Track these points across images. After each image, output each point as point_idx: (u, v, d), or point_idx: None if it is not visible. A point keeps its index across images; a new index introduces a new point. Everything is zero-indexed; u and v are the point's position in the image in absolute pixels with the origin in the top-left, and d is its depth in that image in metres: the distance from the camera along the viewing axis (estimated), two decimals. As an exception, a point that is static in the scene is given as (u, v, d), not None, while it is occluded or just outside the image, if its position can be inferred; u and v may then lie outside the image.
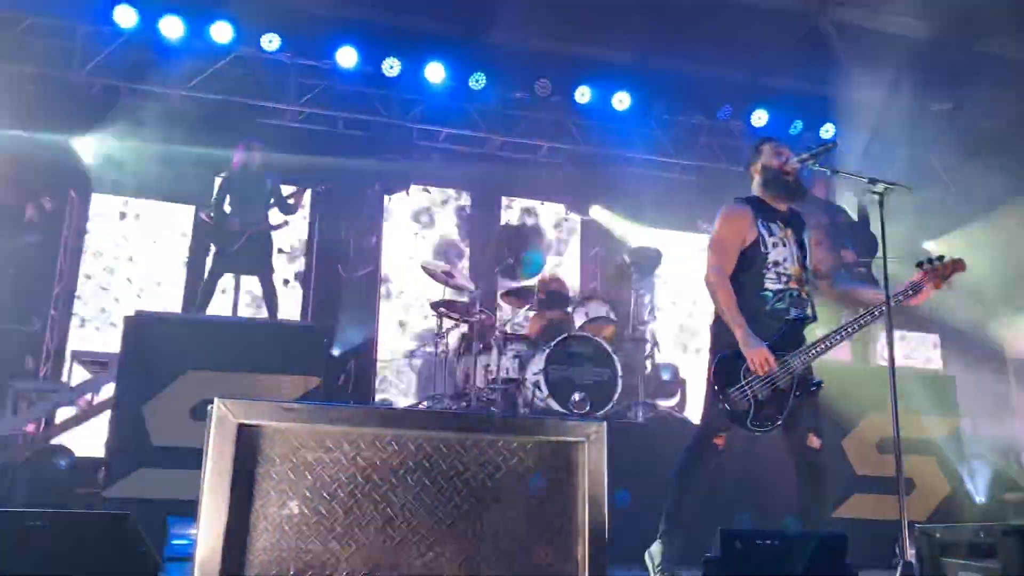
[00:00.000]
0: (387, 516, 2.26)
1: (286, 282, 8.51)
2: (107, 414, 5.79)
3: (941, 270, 3.73)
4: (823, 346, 3.68)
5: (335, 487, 2.25)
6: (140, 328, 5.63)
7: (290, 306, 8.67)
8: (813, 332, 3.90)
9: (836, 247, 6.90)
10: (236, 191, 7.18)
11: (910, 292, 3.71)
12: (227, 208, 7.13)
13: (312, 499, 2.24)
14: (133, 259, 8.48)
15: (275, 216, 7.38)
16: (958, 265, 3.74)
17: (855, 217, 7.51)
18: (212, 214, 7.14)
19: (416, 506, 2.28)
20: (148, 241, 8.52)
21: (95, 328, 8.37)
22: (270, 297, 7.25)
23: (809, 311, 3.83)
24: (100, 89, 8.21)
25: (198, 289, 7.35)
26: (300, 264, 8.96)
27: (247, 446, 2.22)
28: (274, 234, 7.39)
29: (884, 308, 3.55)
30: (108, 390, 6.00)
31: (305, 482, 2.24)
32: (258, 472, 2.22)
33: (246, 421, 2.22)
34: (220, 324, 5.84)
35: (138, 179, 8.06)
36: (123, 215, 8.66)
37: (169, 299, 8.28)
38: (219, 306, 7.49)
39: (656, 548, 3.82)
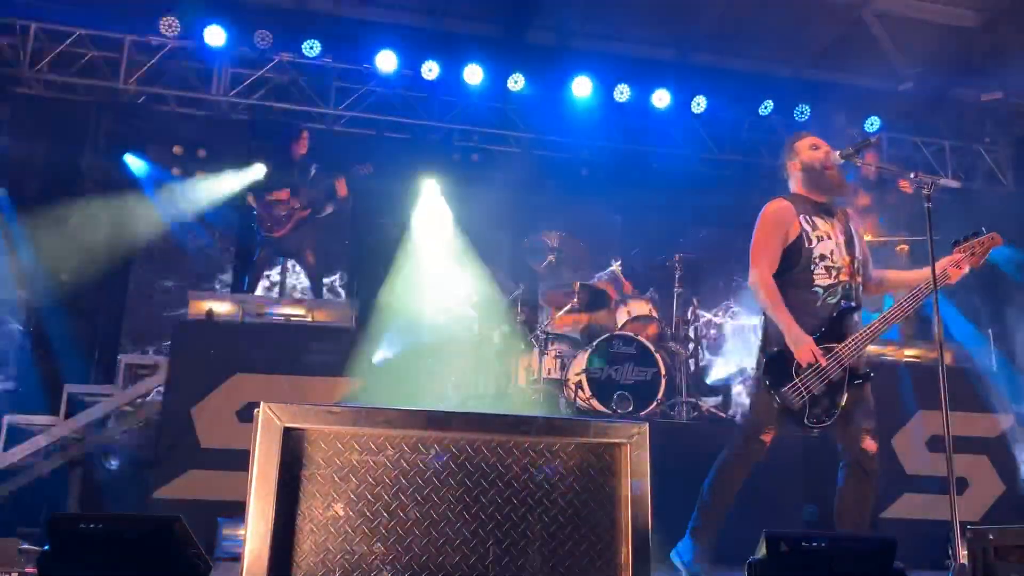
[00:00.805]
0: (430, 518, 2.28)
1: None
2: (157, 417, 5.90)
3: (977, 246, 3.67)
4: (870, 333, 3.61)
5: (379, 489, 2.28)
6: (188, 332, 5.76)
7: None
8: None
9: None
10: (284, 177, 7.29)
11: (948, 276, 3.63)
12: (275, 194, 7.24)
13: (357, 501, 2.26)
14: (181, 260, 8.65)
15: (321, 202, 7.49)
16: (994, 240, 3.70)
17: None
18: (258, 199, 7.25)
19: (458, 508, 2.30)
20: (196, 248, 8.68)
21: (146, 331, 8.55)
22: (316, 283, 7.36)
23: (858, 301, 3.76)
24: (145, 98, 8.37)
25: (246, 274, 7.48)
26: (344, 264, 9.07)
27: (292, 449, 2.25)
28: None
29: (927, 291, 3.52)
30: (158, 394, 6.13)
31: (350, 484, 2.27)
32: (303, 475, 2.26)
33: (291, 424, 2.25)
34: (267, 327, 5.92)
35: (183, 187, 8.22)
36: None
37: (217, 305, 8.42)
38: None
39: (685, 546, 3.80)
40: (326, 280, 8.47)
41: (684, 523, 3.92)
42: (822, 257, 3.71)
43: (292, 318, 6.03)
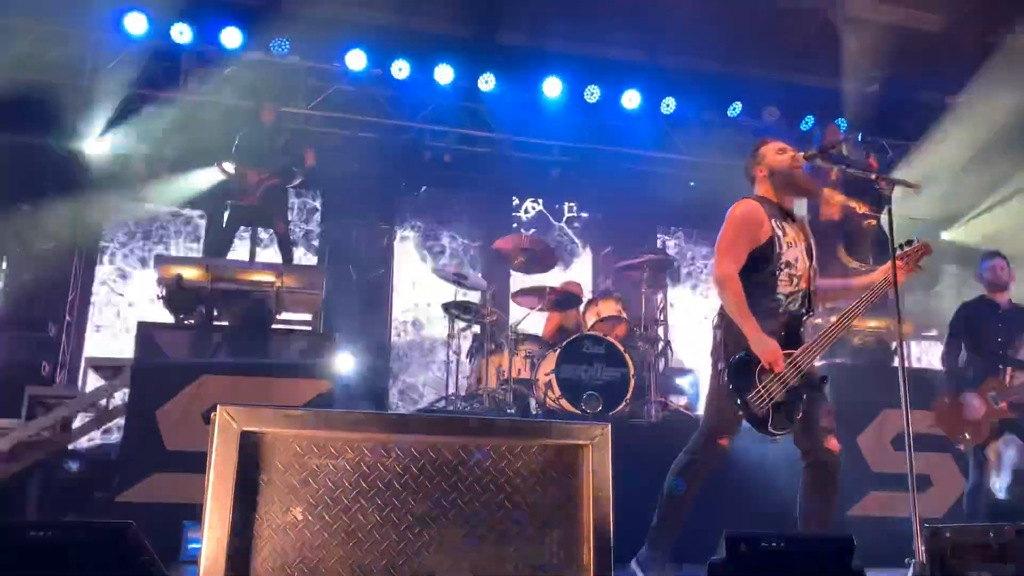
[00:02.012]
0: (391, 521, 2.27)
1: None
2: (122, 419, 5.83)
3: (912, 254, 3.77)
4: (824, 341, 3.65)
5: (339, 493, 2.26)
6: (153, 333, 5.68)
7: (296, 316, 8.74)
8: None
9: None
10: (253, 146, 7.24)
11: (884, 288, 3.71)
12: (244, 162, 7.19)
13: (316, 505, 2.24)
14: (146, 262, 8.54)
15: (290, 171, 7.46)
16: (926, 249, 3.81)
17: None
18: (228, 167, 7.19)
19: (420, 511, 2.28)
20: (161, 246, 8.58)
21: (111, 334, 8.45)
22: (285, 249, 7.33)
23: (812, 309, 3.79)
24: (111, 96, 8.25)
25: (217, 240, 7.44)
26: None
27: (250, 453, 2.23)
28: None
29: (875, 296, 3.65)
30: (123, 395, 6.06)
31: (309, 488, 2.25)
32: (261, 479, 2.23)
33: (249, 428, 2.22)
34: (232, 329, 5.87)
35: (150, 186, 8.13)
36: (136, 222, 8.73)
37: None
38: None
39: (645, 555, 3.81)
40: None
41: (649, 523, 3.93)
42: (788, 264, 3.71)
43: (262, 284, 5.99)
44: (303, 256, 8.90)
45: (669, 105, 8.99)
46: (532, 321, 7.38)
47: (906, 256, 3.74)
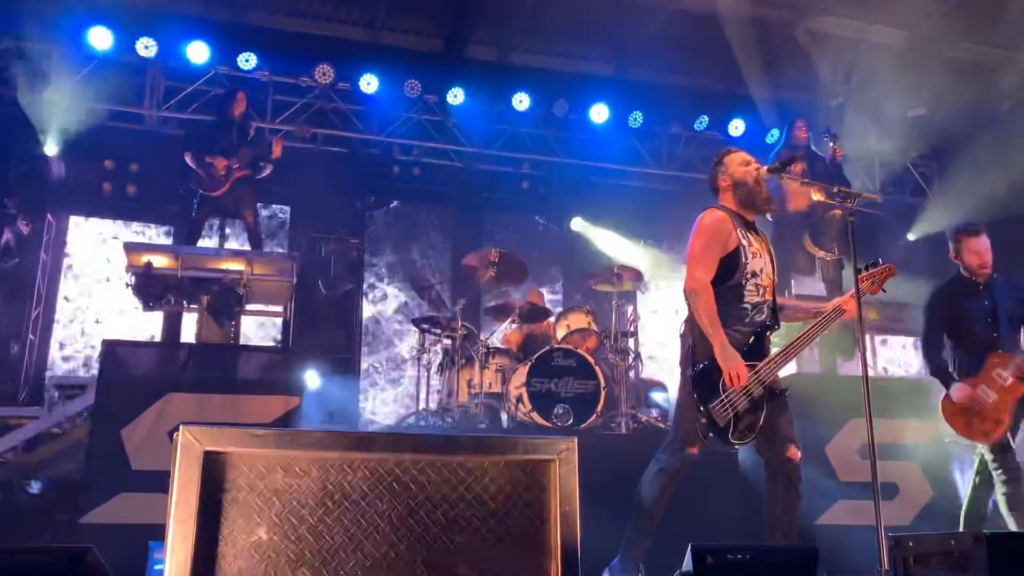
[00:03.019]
0: (357, 540, 2.25)
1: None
2: (86, 439, 5.74)
3: (876, 275, 3.83)
4: (789, 353, 3.69)
5: (304, 512, 2.23)
6: (118, 352, 5.60)
7: (269, 328, 8.68)
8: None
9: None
10: (222, 137, 7.20)
11: (842, 311, 3.78)
12: (212, 152, 7.15)
13: (281, 525, 2.22)
14: (110, 280, 8.44)
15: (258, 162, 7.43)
16: (890, 271, 3.86)
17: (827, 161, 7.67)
18: (197, 158, 7.15)
19: (387, 529, 2.27)
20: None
21: (74, 351, 8.32)
22: (255, 239, 7.30)
23: (775, 320, 3.83)
24: (77, 110, 8.16)
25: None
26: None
27: (213, 473, 2.20)
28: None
29: (839, 311, 3.72)
30: (87, 414, 5.97)
31: (273, 508, 2.22)
32: (225, 499, 2.21)
33: (212, 448, 2.20)
34: (199, 347, 5.81)
35: (115, 201, 8.04)
36: (102, 237, 8.63)
37: (150, 325, 8.25)
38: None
39: (617, 565, 3.82)
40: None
41: (622, 534, 3.94)
42: (754, 273, 3.75)
43: (232, 272, 5.95)
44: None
45: (637, 119, 9.06)
46: (502, 334, 7.40)
47: (871, 277, 3.80)
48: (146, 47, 7.75)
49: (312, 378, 6.73)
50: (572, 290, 9.44)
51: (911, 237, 9.75)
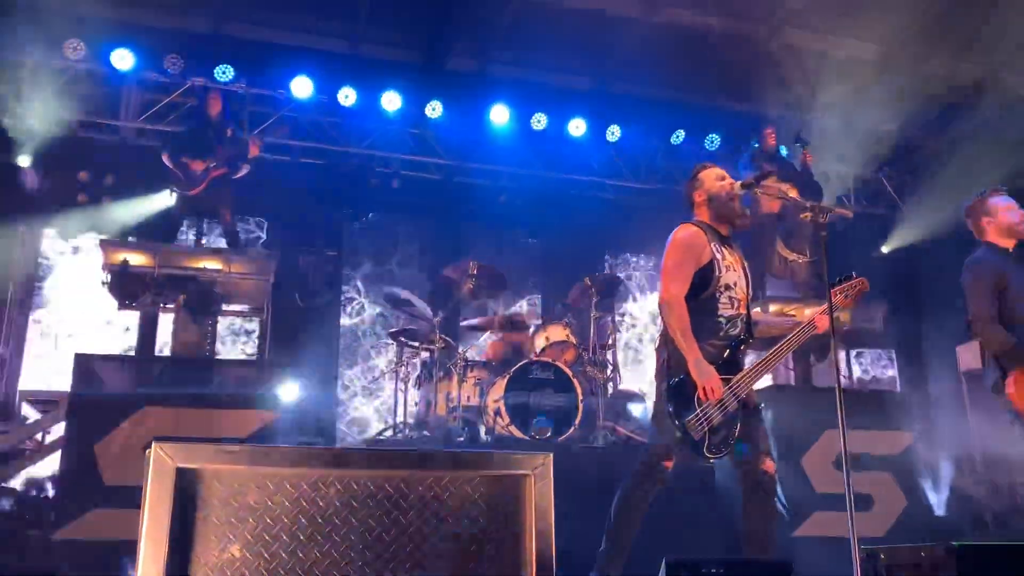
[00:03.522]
0: (331, 558, 2.24)
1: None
2: (59, 454, 5.67)
3: (848, 290, 3.83)
4: (763, 367, 3.72)
5: (277, 530, 2.22)
6: (92, 365, 5.54)
7: (244, 341, 8.63)
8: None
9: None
10: (199, 136, 7.17)
11: (815, 327, 3.79)
12: (189, 152, 7.12)
13: (254, 543, 2.20)
14: (85, 292, 8.34)
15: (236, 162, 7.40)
16: (862, 285, 3.85)
17: (797, 166, 7.84)
18: (173, 157, 7.12)
19: (361, 547, 2.26)
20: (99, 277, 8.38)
21: (47, 365, 8.22)
22: (232, 239, 7.29)
23: (749, 333, 3.86)
24: (51, 122, 8.09)
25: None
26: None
27: (186, 490, 2.18)
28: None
29: (811, 326, 3.73)
30: (60, 429, 5.89)
31: (247, 526, 2.21)
32: (198, 516, 2.19)
33: (185, 465, 2.18)
34: (174, 360, 5.77)
35: (88, 213, 7.95)
36: (76, 250, 8.54)
37: (123, 338, 8.17)
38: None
39: None
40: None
41: (598, 549, 3.94)
42: (727, 287, 3.79)
43: (209, 270, 5.91)
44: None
45: (614, 133, 9.13)
46: (480, 346, 7.40)
47: (843, 291, 3.83)
48: (121, 58, 7.70)
49: (288, 392, 6.69)
50: (551, 302, 9.45)
51: (885, 250, 9.87)
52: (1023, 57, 8.62)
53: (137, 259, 5.86)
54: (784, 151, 8.54)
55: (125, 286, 5.94)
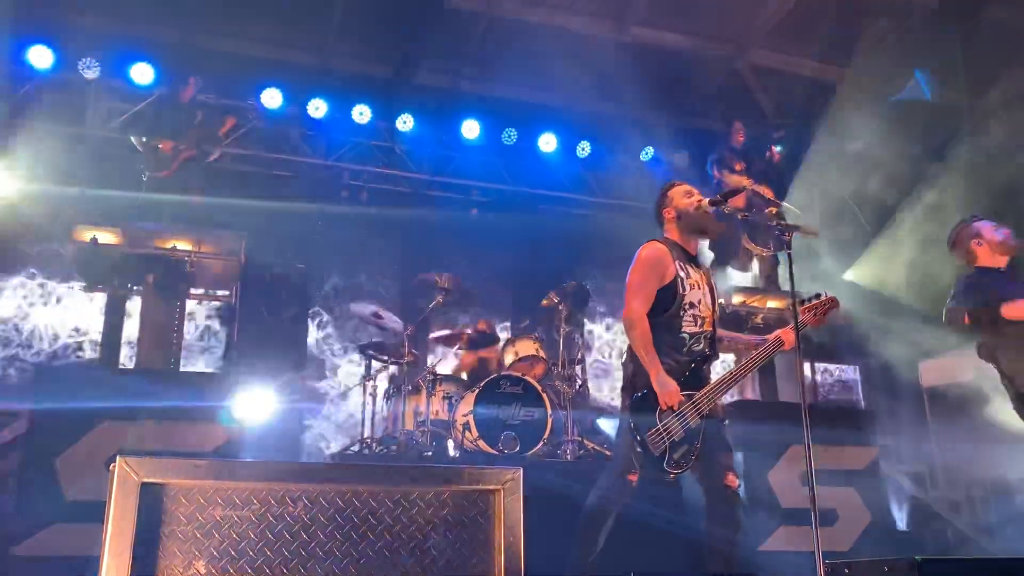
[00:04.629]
0: (298, 573, 2.22)
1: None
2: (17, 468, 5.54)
3: (819, 307, 3.88)
4: (724, 385, 3.75)
5: (244, 545, 2.20)
6: (53, 377, 5.45)
7: (211, 353, 8.53)
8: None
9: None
10: (169, 119, 7.12)
11: (782, 342, 3.82)
12: (159, 134, 7.08)
13: (220, 558, 2.18)
14: (47, 304, 8.20)
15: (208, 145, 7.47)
16: (833, 303, 3.90)
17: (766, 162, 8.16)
18: (145, 139, 7.06)
19: (328, 562, 2.24)
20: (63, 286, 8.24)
21: (7, 376, 8.05)
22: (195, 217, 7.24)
23: (715, 351, 3.90)
24: (14, 129, 7.96)
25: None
26: (224, 307, 8.79)
27: (151, 505, 2.16)
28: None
29: (778, 344, 3.77)
30: (20, 442, 5.76)
31: (212, 541, 2.18)
32: (163, 532, 2.16)
33: (150, 479, 2.15)
34: (138, 373, 5.68)
35: (51, 221, 7.83)
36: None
37: (87, 349, 8.04)
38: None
39: None
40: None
41: (567, 563, 3.94)
42: (691, 304, 3.84)
43: (178, 252, 5.84)
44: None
45: (584, 149, 9.20)
46: (449, 361, 7.38)
47: (813, 308, 3.87)
48: (88, 67, 7.62)
49: (254, 405, 6.62)
50: (521, 317, 9.46)
51: (847, 278, 10.01)
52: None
53: (106, 237, 5.77)
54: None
55: (93, 266, 5.86)
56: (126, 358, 7.10)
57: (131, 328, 6.90)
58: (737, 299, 7.08)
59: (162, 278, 6.04)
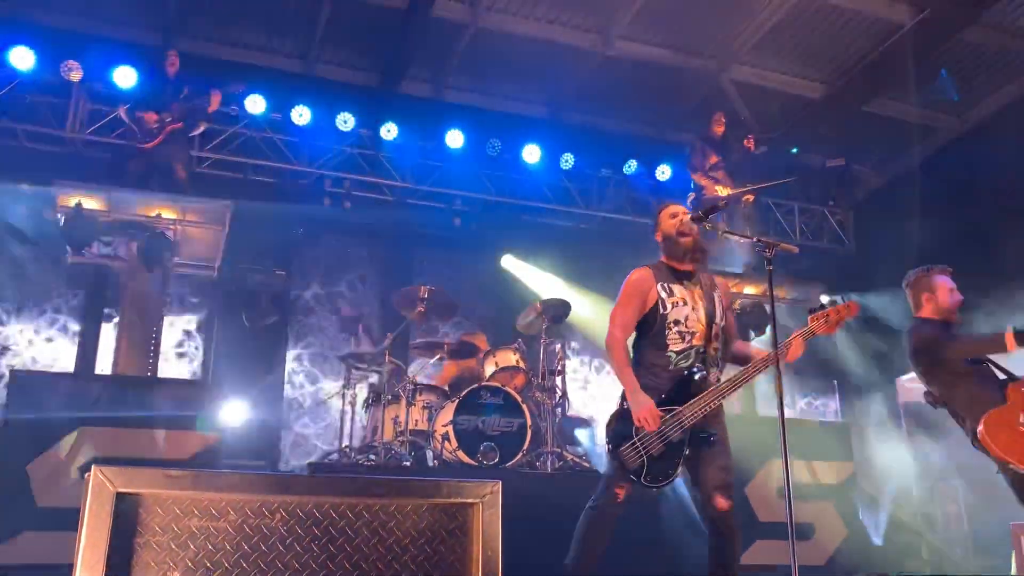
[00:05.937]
0: (274, 586, 2.20)
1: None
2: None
3: (832, 315, 3.76)
4: (712, 398, 3.73)
5: (219, 557, 2.17)
6: (27, 382, 5.38)
7: (188, 361, 8.46)
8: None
9: None
10: (155, 92, 7.18)
11: (783, 355, 3.75)
12: (144, 106, 7.14)
13: (195, 570, 2.15)
14: (21, 308, 8.11)
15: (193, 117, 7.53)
16: (850, 309, 3.77)
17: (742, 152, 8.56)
18: (129, 112, 7.04)
19: (304, 574, 2.22)
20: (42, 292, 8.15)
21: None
22: (179, 189, 7.26)
23: (710, 366, 3.85)
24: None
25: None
26: (203, 313, 8.73)
27: (126, 515, 2.13)
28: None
29: (771, 360, 3.64)
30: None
31: (188, 552, 2.16)
32: (137, 543, 2.13)
33: (125, 489, 2.13)
34: (114, 379, 5.62)
35: (32, 225, 7.75)
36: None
37: (62, 355, 7.95)
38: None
39: None
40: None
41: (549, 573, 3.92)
42: (676, 322, 3.86)
43: (162, 220, 5.77)
44: (193, 303, 8.65)
45: (568, 161, 9.22)
46: (430, 370, 7.35)
47: (826, 316, 3.75)
48: (70, 69, 7.56)
49: (232, 413, 6.57)
50: (502, 327, 9.45)
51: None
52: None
53: (91, 203, 5.71)
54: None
55: (77, 230, 5.81)
56: (104, 364, 7.03)
57: (108, 333, 6.84)
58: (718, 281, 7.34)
59: (146, 246, 5.98)
